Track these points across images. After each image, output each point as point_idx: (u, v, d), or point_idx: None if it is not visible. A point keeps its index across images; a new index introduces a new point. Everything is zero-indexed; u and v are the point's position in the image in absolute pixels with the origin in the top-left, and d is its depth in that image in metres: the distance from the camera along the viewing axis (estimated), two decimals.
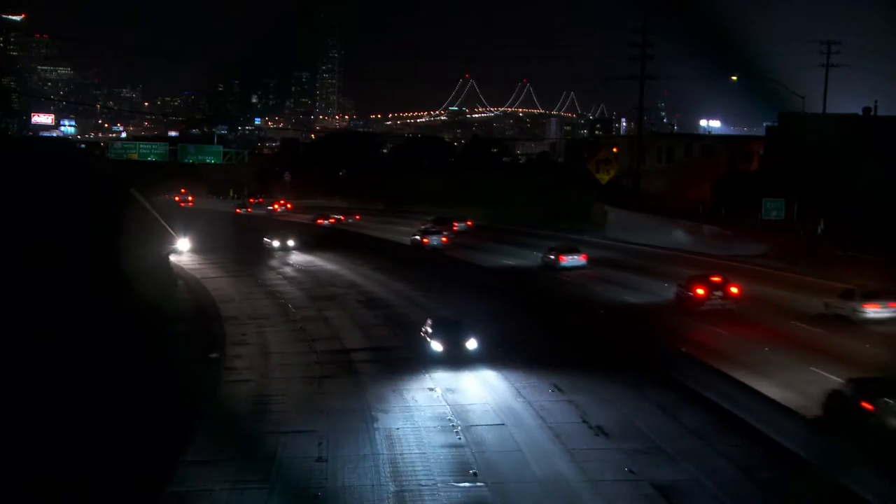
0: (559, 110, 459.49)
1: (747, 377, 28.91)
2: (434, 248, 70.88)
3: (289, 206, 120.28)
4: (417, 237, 73.84)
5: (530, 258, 64.30)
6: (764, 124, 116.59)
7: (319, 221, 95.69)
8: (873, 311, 37.98)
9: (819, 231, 65.36)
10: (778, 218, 63.11)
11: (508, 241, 75.47)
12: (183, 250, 70.06)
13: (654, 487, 21.81)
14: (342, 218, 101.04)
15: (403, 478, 23.18)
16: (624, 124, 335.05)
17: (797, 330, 37.82)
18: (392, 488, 22.52)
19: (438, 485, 22.71)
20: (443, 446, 25.47)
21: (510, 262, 64.16)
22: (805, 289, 46.59)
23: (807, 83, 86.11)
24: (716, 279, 42.83)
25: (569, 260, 55.41)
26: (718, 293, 42.19)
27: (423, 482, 22.81)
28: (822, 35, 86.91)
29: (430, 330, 36.20)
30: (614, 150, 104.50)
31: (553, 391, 30.47)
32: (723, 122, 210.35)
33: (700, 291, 42.23)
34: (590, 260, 58.80)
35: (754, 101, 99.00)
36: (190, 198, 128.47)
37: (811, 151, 63.61)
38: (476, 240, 77.97)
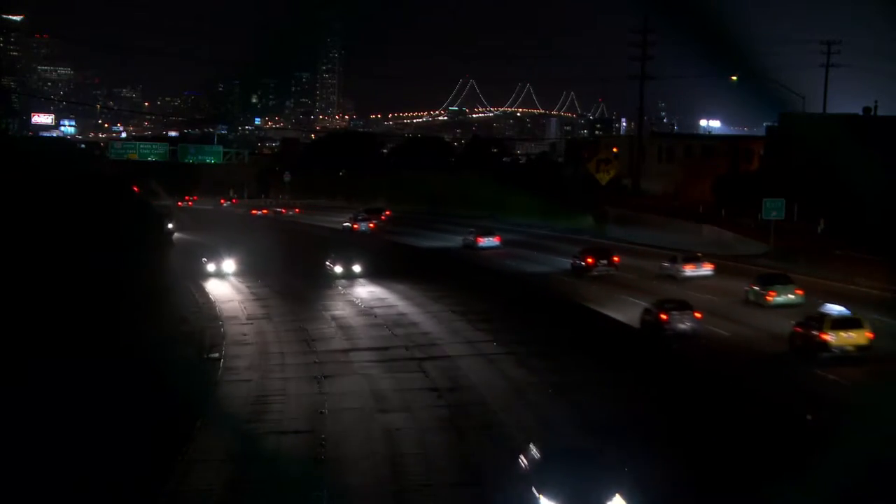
0: (559, 110, 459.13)
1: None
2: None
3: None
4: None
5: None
6: (764, 124, 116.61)
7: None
8: (690, 270, 52.69)
9: (819, 231, 65.35)
10: (778, 218, 63.10)
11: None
12: (227, 272, 63.33)
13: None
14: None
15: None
16: (624, 124, 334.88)
17: (648, 286, 51.27)
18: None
19: None
20: None
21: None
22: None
23: (807, 83, 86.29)
24: (602, 251, 55.64)
25: (485, 241, 65.01)
26: (604, 261, 54.29)
27: None
28: (822, 35, 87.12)
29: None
30: (614, 150, 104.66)
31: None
32: (723, 122, 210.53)
33: (590, 260, 54.09)
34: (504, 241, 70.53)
35: (754, 101, 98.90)
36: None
37: (811, 151, 63.60)
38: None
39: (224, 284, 60.34)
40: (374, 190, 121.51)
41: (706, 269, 53.23)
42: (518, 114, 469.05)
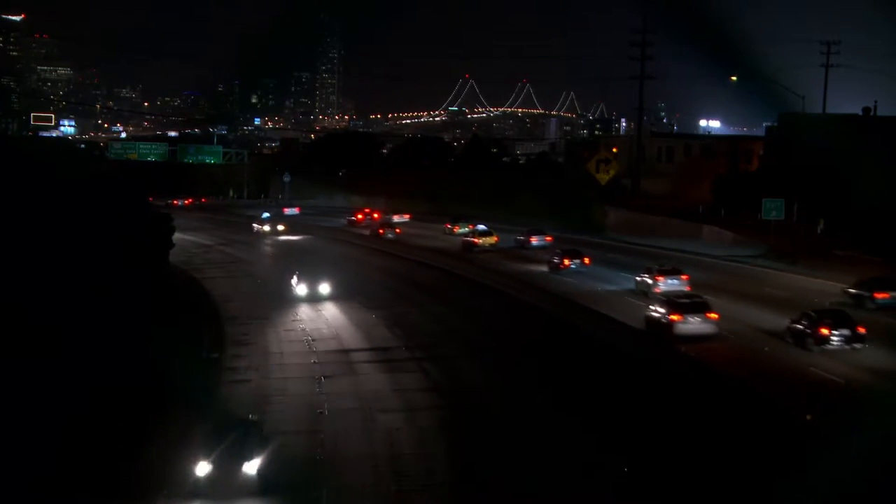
0: (559, 110, 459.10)
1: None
2: None
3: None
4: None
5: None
6: (764, 124, 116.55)
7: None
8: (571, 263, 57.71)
9: (818, 231, 65.34)
10: (778, 218, 63.12)
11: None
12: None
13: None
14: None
15: None
16: (624, 124, 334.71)
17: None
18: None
19: None
20: None
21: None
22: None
23: (807, 83, 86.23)
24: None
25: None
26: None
27: None
28: (822, 35, 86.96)
29: None
30: (614, 150, 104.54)
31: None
32: (723, 122, 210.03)
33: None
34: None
35: (754, 101, 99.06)
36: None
37: (811, 151, 63.63)
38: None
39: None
40: (374, 190, 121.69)
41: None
42: (518, 114, 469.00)
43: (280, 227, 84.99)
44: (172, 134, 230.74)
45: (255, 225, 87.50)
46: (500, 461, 24.23)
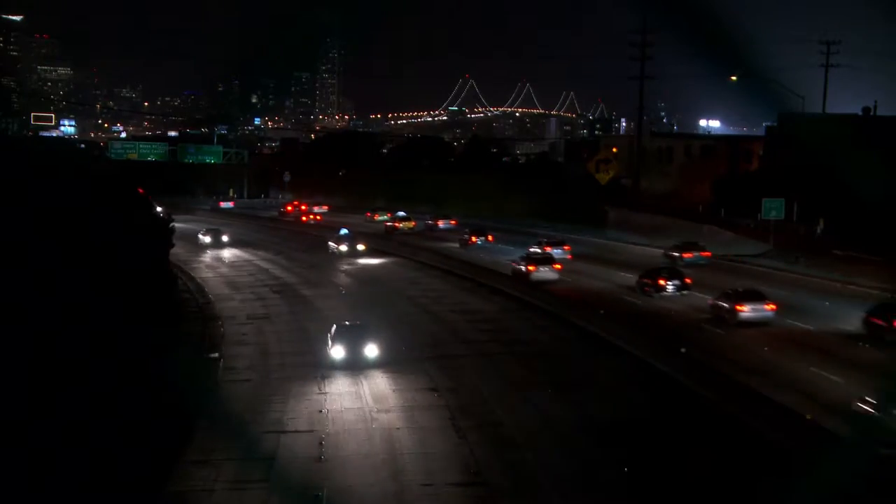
0: (559, 110, 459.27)
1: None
2: None
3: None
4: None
5: None
6: (764, 124, 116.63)
7: (473, 239, 74.20)
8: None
9: (818, 231, 65.36)
10: (778, 218, 63.19)
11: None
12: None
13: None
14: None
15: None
16: (624, 124, 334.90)
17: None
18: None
19: None
20: None
21: None
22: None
23: (807, 83, 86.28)
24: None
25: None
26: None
27: None
28: (822, 35, 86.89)
29: None
30: (614, 150, 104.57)
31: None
32: (723, 122, 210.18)
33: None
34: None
35: (754, 101, 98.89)
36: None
37: (811, 151, 63.59)
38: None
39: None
40: (374, 189, 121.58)
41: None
42: (518, 114, 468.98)
43: (360, 247, 71.68)
44: (172, 134, 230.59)
45: (330, 243, 73.72)
46: None
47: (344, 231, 75.25)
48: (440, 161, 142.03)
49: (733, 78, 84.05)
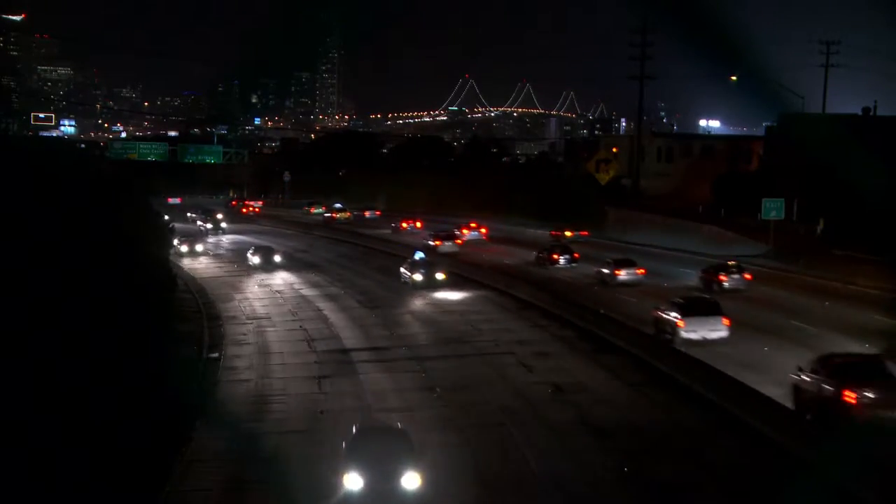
0: (559, 110, 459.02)
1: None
2: None
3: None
4: None
5: None
6: (764, 124, 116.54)
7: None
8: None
9: (818, 231, 65.36)
10: (777, 218, 63.20)
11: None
12: None
13: None
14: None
15: None
16: (624, 124, 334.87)
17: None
18: None
19: None
20: None
21: None
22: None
23: (807, 83, 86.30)
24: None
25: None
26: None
27: None
28: (822, 35, 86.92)
29: None
30: (614, 150, 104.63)
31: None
32: (723, 122, 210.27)
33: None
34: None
35: (754, 101, 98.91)
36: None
37: (811, 151, 63.59)
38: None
39: None
40: (374, 189, 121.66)
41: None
42: (517, 114, 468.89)
43: (440, 276, 54.36)
44: (172, 134, 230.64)
45: (403, 270, 56.44)
46: None
47: (419, 255, 58.69)
48: (440, 161, 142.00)
49: (733, 78, 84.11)
